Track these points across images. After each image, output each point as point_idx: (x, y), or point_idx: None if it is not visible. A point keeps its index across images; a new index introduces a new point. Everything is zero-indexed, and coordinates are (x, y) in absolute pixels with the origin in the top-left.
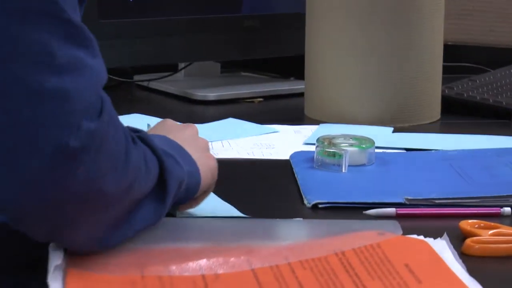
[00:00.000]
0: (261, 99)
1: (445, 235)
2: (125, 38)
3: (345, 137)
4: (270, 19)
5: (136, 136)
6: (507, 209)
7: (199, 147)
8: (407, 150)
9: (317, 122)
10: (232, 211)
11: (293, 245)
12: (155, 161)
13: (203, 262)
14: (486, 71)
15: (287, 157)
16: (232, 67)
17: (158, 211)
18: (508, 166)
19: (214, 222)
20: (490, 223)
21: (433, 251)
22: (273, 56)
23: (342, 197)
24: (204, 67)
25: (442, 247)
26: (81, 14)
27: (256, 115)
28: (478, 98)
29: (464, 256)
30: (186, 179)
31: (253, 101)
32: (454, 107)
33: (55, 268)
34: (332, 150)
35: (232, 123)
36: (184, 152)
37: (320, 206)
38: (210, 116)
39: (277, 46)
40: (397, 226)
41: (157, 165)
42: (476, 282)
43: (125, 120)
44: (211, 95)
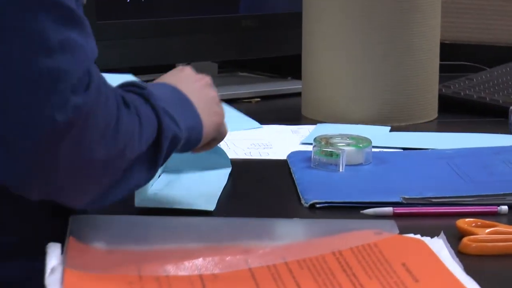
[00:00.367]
0: (258, 99)
1: (442, 234)
2: (123, 39)
3: (342, 136)
4: (267, 19)
5: (132, 99)
6: (504, 207)
7: (207, 100)
8: (404, 149)
9: (314, 121)
10: (195, 203)
11: (290, 245)
12: (154, 122)
13: (199, 262)
14: (483, 69)
15: (284, 157)
16: (230, 67)
17: (151, 170)
18: (505, 164)
19: (211, 222)
20: (487, 221)
21: (430, 250)
22: (270, 56)
23: (339, 196)
24: (201, 67)
25: (439, 246)
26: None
27: (254, 115)
28: (475, 96)
29: (461, 255)
30: (184, 138)
31: (250, 101)
32: (451, 105)
33: (53, 269)
34: (329, 150)
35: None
36: (188, 105)
37: (317, 205)
38: None
39: (274, 46)
40: (394, 225)
41: (156, 125)
42: (473, 281)
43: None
44: None
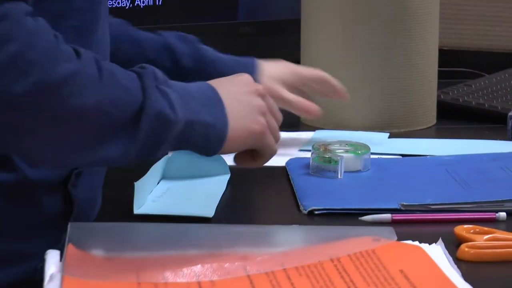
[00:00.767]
0: None
1: (440, 240)
2: None
3: (341, 143)
4: (265, 26)
5: (116, 70)
6: (503, 214)
7: (247, 106)
8: (402, 156)
9: (312, 128)
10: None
11: (288, 251)
12: (134, 94)
13: (198, 269)
14: (481, 75)
15: (283, 163)
16: None
17: (128, 145)
18: (503, 171)
19: (210, 228)
20: (485, 228)
21: (428, 256)
22: None
23: (337, 203)
24: None
25: (437, 252)
26: None
27: None
28: (474, 103)
29: (459, 262)
30: (180, 123)
31: None
32: (449, 112)
33: (51, 276)
34: (327, 156)
35: None
36: (215, 104)
37: (316, 212)
38: None
39: (273, 53)
40: (392, 232)
41: (136, 98)
42: (471, 287)
43: None
44: None
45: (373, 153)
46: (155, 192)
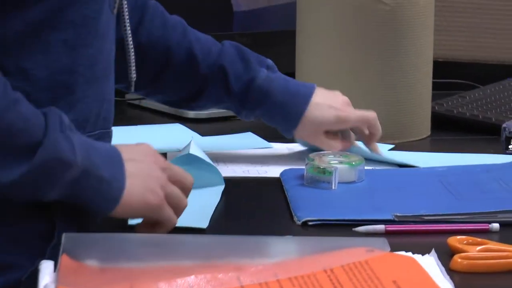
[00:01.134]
0: None
1: (433, 251)
2: None
3: (335, 154)
4: (260, 37)
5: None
6: (496, 225)
7: (148, 175)
8: (399, 167)
9: None
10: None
11: (282, 262)
12: (35, 130)
13: (192, 279)
14: (476, 87)
15: (278, 174)
16: None
17: (19, 175)
18: (497, 182)
19: (204, 239)
20: (478, 239)
21: (421, 267)
22: None
23: (331, 214)
24: None
25: (430, 263)
26: None
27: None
28: (468, 114)
29: (452, 272)
30: (79, 170)
31: None
32: (444, 123)
33: (45, 286)
34: (322, 167)
35: (246, 136)
36: (116, 164)
37: (310, 223)
38: (202, 134)
39: None
40: (385, 243)
41: (40, 133)
42: None
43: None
44: (203, 113)
45: (371, 163)
46: None
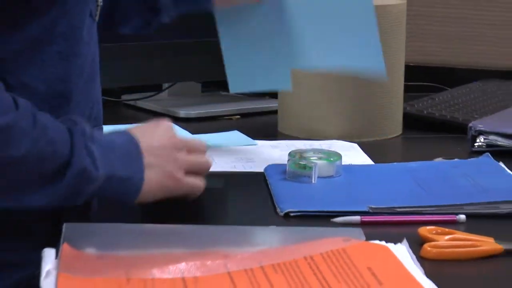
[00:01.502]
0: (238, 116)
1: (404, 240)
2: (114, 61)
3: (315, 151)
4: None
5: (50, 126)
6: (462, 216)
7: (165, 162)
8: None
9: (289, 137)
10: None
11: (266, 250)
12: (62, 151)
13: (183, 266)
14: (444, 89)
15: (262, 169)
16: (212, 87)
17: (50, 196)
18: (463, 177)
19: (194, 229)
20: (446, 229)
21: (393, 255)
22: None
23: (311, 206)
24: (186, 87)
25: (402, 251)
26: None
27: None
28: (437, 114)
29: (422, 260)
30: (100, 179)
31: (231, 118)
32: (415, 123)
33: (47, 273)
34: (303, 163)
35: (233, 134)
36: (134, 158)
37: (291, 214)
38: (192, 132)
39: None
40: (361, 233)
41: (63, 156)
42: (433, 284)
43: None
44: (193, 112)
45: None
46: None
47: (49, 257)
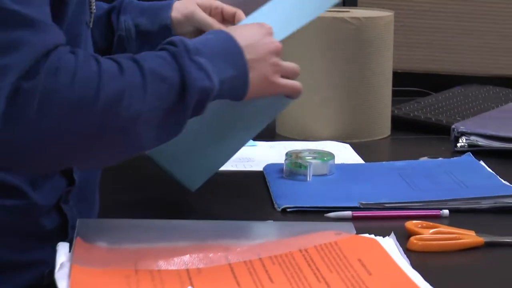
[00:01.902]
0: None
1: (392, 234)
2: None
3: (310, 151)
4: None
5: (129, 62)
6: (446, 211)
7: (261, 52)
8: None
9: (286, 138)
10: None
11: (264, 243)
12: (174, 79)
13: (187, 258)
14: (429, 94)
15: (261, 168)
16: None
17: (182, 121)
18: (447, 175)
19: (197, 224)
20: (431, 223)
21: (382, 248)
22: None
23: (307, 202)
24: None
25: (390, 244)
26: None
27: None
28: (423, 117)
29: (408, 252)
30: (217, 89)
31: None
32: (402, 125)
33: (62, 265)
34: (298, 162)
35: None
36: (235, 56)
37: (288, 210)
38: None
39: None
40: (352, 227)
41: (177, 81)
42: (418, 274)
43: None
44: None
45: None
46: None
47: (63, 250)
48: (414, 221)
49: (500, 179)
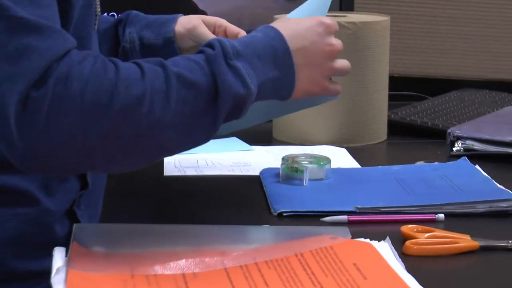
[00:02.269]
0: None
1: (387, 238)
2: None
3: (306, 155)
4: None
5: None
6: (441, 215)
7: (315, 58)
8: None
9: (283, 143)
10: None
11: (260, 248)
12: (204, 84)
13: (183, 263)
14: (425, 98)
15: (258, 173)
16: None
17: (213, 126)
18: (442, 179)
19: (193, 229)
20: (426, 227)
21: (377, 252)
22: None
23: (303, 206)
24: None
25: (385, 248)
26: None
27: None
28: (419, 121)
29: (404, 256)
30: (254, 93)
31: None
32: (398, 129)
33: (58, 270)
34: (295, 167)
35: (231, 141)
36: (282, 55)
37: (284, 214)
38: None
39: None
40: (347, 231)
41: (207, 86)
42: (413, 278)
43: None
44: None
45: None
46: None
47: (59, 255)
48: (410, 225)
49: (496, 183)
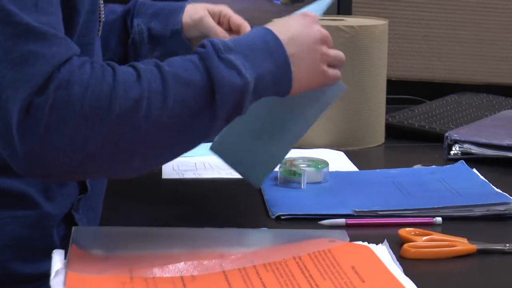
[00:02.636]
0: None
1: (385, 241)
2: None
3: (304, 159)
4: None
5: (149, 68)
6: (439, 219)
7: (306, 43)
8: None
9: None
10: None
11: (258, 251)
12: (198, 82)
13: (181, 265)
14: (423, 102)
15: None
16: None
17: (211, 122)
18: (440, 182)
19: (192, 231)
20: (424, 230)
21: (375, 255)
22: None
23: (301, 209)
24: None
25: (383, 251)
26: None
27: None
28: (416, 125)
29: (401, 259)
30: (252, 85)
31: None
32: (396, 132)
33: (57, 272)
34: (293, 170)
35: None
36: (276, 48)
37: (282, 217)
38: None
39: None
40: (345, 234)
41: (202, 84)
42: (410, 281)
43: None
44: None
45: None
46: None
47: (58, 257)
48: (407, 229)
49: (493, 186)
